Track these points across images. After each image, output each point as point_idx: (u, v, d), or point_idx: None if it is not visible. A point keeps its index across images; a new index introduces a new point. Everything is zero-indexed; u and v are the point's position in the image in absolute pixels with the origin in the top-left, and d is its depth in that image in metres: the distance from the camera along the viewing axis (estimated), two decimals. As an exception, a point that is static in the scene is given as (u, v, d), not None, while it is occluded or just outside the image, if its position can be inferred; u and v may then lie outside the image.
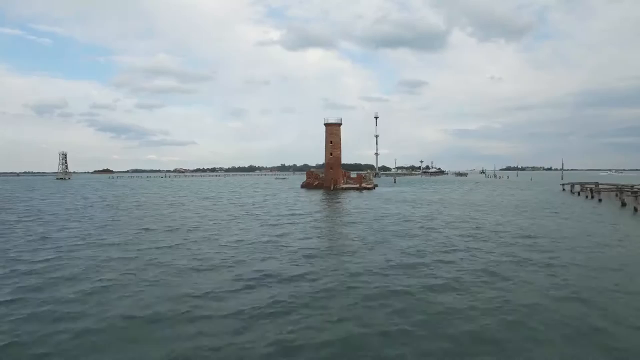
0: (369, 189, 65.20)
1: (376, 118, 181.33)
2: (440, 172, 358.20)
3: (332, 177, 67.12)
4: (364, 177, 72.31)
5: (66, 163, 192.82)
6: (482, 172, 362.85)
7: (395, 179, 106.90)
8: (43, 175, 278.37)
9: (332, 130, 67.76)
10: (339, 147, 68.58)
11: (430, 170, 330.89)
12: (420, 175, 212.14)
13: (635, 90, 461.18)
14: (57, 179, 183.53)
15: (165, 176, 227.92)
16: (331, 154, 67.81)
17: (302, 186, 73.11)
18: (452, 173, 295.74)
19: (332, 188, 63.71)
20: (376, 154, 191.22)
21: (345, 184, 69.86)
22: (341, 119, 68.49)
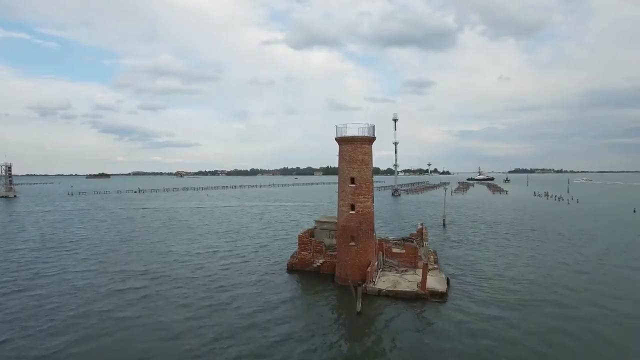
0: (441, 296, 27.19)
1: (395, 121, 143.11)
2: (489, 179, 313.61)
3: (353, 259, 29.49)
4: (418, 249, 34.42)
5: (11, 177, 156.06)
6: (507, 180, 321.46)
7: (444, 220, 66.78)
8: None
9: (355, 152, 29.83)
10: (370, 190, 30.62)
11: (479, 177, 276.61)
12: (450, 193, 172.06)
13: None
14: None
15: (140, 191, 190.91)
16: (352, 207, 29.91)
17: (290, 268, 35.37)
18: (478, 179, 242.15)
19: (354, 293, 25.85)
20: (395, 165, 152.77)
21: (385, 269, 32.18)
22: (373, 128, 30.67)
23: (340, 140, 30.13)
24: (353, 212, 29.72)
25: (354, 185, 29.65)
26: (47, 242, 49.24)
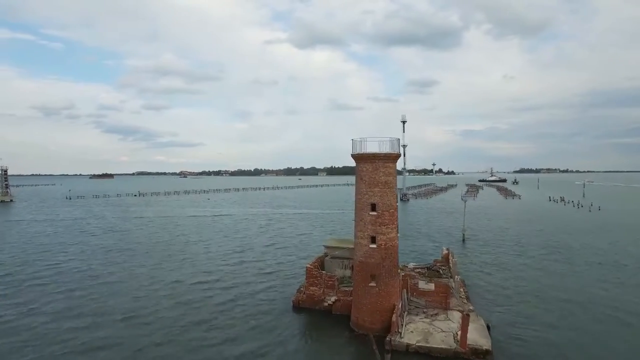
0: (485, 355, 21.65)
1: (404, 123, 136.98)
2: (502, 180, 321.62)
3: (373, 302, 24.12)
4: (451, 286, 29.00)
5: (7, 181, 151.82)
6: (515, 182, 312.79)
7: (464, 235, 60.73)
8: None
9: (377, 173, 24.35)
10: (395, 218, 25.05)
11: (490, 179, 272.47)
12: (461, 198, 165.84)
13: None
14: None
15: (140, 194, 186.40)
16: (373, 239, 24.46)
17: (297, 305, 30.00)
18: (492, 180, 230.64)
19: (380, 356, 20.47)
20: (404, 169, 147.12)
21: (410, 311, 26.70)
22: (398, 142, 25.10)
23: (359, 158, 24.67)
24: (374, 245, 24.27)
25: (375, 214, 24.19)
26: (24, 265, 44.05)
